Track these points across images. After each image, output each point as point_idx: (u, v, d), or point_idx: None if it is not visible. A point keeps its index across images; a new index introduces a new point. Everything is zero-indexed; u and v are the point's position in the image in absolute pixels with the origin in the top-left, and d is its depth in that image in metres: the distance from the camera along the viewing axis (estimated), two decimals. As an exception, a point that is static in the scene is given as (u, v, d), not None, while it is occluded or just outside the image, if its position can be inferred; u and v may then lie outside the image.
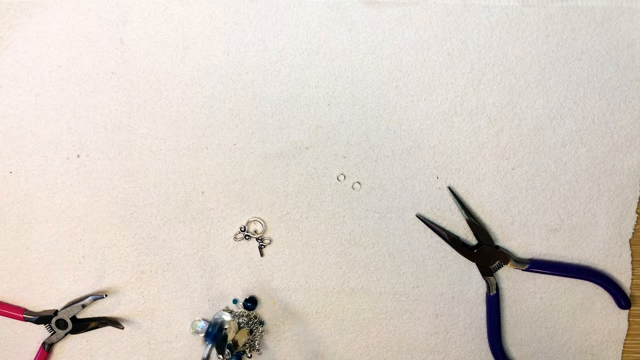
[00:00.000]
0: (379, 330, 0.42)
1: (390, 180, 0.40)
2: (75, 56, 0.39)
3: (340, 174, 0.41)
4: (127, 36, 0.39)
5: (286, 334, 0.43)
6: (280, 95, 0.40)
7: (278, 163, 0.40)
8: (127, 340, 0.43)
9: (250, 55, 0.39)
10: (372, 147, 0.40)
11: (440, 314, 0.42)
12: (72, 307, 0.41)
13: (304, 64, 0.39)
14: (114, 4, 0.39)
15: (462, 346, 0.42)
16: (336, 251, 0.41)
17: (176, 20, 0.39)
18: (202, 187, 0.41)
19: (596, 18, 0.38)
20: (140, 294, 0.42)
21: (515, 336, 0.42)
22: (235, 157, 0.40)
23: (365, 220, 0.41)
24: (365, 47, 0.39)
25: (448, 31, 0.39)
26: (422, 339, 0.42)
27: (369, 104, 0.40)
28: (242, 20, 0.39)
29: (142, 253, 0.42)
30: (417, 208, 0.41)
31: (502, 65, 0.39)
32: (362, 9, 0.39)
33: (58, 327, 0.42)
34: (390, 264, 0.41)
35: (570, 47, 0.39)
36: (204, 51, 0.39)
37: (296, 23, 0.39)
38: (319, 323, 0.42)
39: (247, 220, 0.41)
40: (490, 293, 0.41)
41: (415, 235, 0.41)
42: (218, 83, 0.39)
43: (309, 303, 0.42)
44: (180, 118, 0.40)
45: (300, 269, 0.42)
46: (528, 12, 0.38)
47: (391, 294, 0.42)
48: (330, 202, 0.41)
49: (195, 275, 0.42)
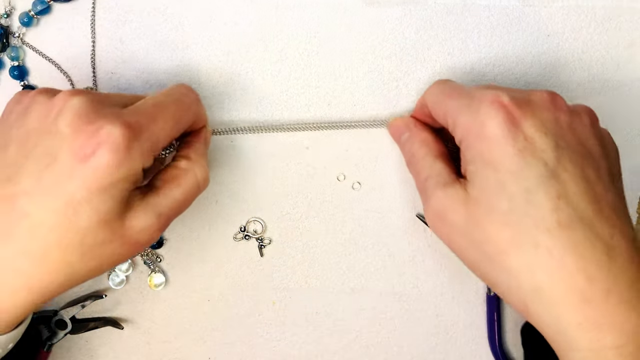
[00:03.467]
0: (379, 330, 0.42)
1: (390, 180, 0.40)
2: (75, 56, 0.39)
3: (340, 174, 0.41)
4: (127, 36, 0.39)
5: (286, 333, 0.43)
6: (280, 95, 0.40)
7: (278, 163, 0.40)
8: (127, 340, 0.43)
9: (250, 55, 0.39)
10: (372, 147, 0.40)
11: (440, 314, 0.42)
12: (72, 307, 0.41)
13: (304, 64, 0.39)
14: (114, 3, 0.38)
15: (462, 346, 0.42)
16: (336, 251, 0.41)
17: (176, 20, 0.39)
18: (202, 187, 0.41)
19: (596, 18, 0.38)
20: (140, 294, 0.42)
21: (515, 336, 0.42)
22: (235, 156, 0.40)
23: (365, 220, 0.41)
24: (365, 47, 0.39)
25: (448, 31, 0.39)
26: (422, 339, 0.42)
27: (369, 104, 0.40)
28: (242, 20, 0.39)
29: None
30: (417, 208, 0.41)
31: (502, 65, 0.39)
32: (362, 9, 0.39)
33: (57, 328, 0.42)
34: (390, 264, 0.41)
35: (570, 47, 0.39)
36: (204, 51, 0.39)
37: (296, 23, 0.39)
38: (319, 323, 0.42)
39: (247, 220, 0.41)
40: (491, 293, 0.41)
41: (415, 235, 0.41)
42: (218, 83, 0.39)
43: (309, 303, 0.42)
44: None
45: (300, 269, 0.42)
46: (528, 12, 0.38)
47: (391, 294, 0.42)
48: (330, 202, 0.41)
49: (194, 275, 0.42)
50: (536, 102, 0.30)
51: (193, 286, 0.42)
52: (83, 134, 0.27)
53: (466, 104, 0.31)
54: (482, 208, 0.30)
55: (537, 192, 0.28)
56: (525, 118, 0.29)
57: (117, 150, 0.27)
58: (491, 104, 0.30)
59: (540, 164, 0.28)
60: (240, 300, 0.42)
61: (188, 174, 0.32)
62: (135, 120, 0.29)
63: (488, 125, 0.29)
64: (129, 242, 0.30)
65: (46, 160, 0.28)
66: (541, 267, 0.28)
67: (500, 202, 0.29)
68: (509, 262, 0.29)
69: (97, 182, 0.27)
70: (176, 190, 0.32)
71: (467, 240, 0.31)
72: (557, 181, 0.28)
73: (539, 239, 0.28)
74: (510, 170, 0.29)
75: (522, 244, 0.28)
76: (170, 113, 0.31)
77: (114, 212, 0.28)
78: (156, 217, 0.30)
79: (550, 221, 0.28)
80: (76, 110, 0.28)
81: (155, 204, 0.31)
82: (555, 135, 0.29)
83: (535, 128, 0.29)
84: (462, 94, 0.33)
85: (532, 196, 0.28)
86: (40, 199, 0.27)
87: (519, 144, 0.29)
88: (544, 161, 0.28)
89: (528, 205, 0.28)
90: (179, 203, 0.32)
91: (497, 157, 0.29)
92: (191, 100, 0.33)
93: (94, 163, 0.27)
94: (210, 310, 0.42)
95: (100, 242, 0.28)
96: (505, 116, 0.29)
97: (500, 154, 0.29)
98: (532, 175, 0.28)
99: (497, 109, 0.29)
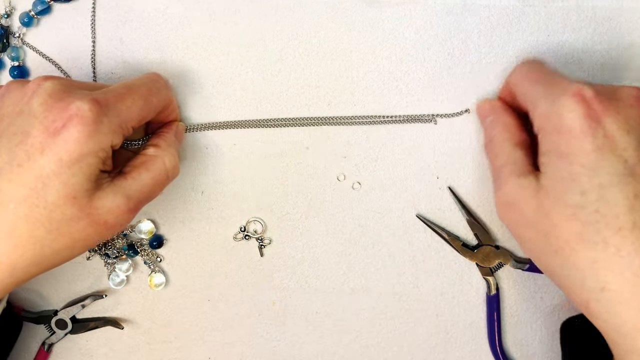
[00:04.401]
0: (379, 330, 0.42)
1: (390, 180, 0.40)
2: (75, 56, 0.39)
3: (341, 173, 0.41)
4: (127, 36, 0.39)
5: (286, 333, 0.43)
6: (280, 95, 0.40)
7: (278, 163, 0.40)
8: (127, 340, 0.43)
9: (250, 55, 0.39)
10: (372, 147, 0.40)
11: (440, 314, 0.42)
12: (72, 307, 0.41)
13: (304, 64, 0.39)
14: (114, 3, 0.38)
15: (462, 346, 0.42)
16: (336, 251, 0.41)
17: (176, 20, 0.39)
18: (202, 187, 0.41)
19: (596, 18, 0.38)
20: (140, 294, 0.42)
21: (515, 336, 0.42)
22: (235, 157, 0.40)
23: (365, 220, 0.41)
24: (365, 47, 0.39)
25: (448, 31, 0.39)
26: (422, 339, 0.42)
27: (369, 104, 0.40)
28: (242, 20, 0.39)
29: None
30: (417, 208, 0.41)
31: (502, 65, 0.39)
32: (362, 9, 0.39)
33: (58, 327, 0.42)
34: (390, 264, 0.41)
35: (570, 47, 0.39)
36: (204, 51, 0.39)
37: (296, 23, 0.39)
38: (319, 323, 0.42)
39: (247, 220, 0.41)
40: (490, 293, 0.41)
41: (415, 235, 0.41)
42: (218, 83, 0.39)
43: (309, 303, 0.42)
44: (180, 118, 0.40)
45: (300, 269, 0.42)
46: (528, 12, 0.38)
47: (391, 294, 0.42)
48: (330, 202, 0.41)
49: (194, 275, 0.42)
50: (623, 98, 0.29)
51: (193, 286, 0.42)
52: (54, 110, 0.29)
53: (548, 92, 0.31)
54: (552, 199, 0.29)
55: (613, 190, 0.27)
56: (608, 114, 0.28)
57: (86, 124, 0.28)
58: (573, 96, 0.29)
59: (619, 161, 0.28)
60: (240, 300, 0.42)
61: (157, 160, 0.34)
62: (104, 98, 0.30)
63: (567, 118, 0.29)
64: (98, 221, 0.30)
65: (19, 138, 0.29)
66: (608, 265, 0.27)
67: (573, 196, 0.28)
68: (574, 257, 0.28)
69: (67, 155, 0.28)
70: (145, 174, 0.33)
71: (535, 231, 0.30)
72: (636, 180, 0.27)
73: (608, 237, 0.27)
74: (585, 165, 0.28)
75: (590, 239, 0.27)
76: (138, 93, 0.32)
77: (83, 189, 0.29)
78: (125, 199, 0.31)
79: (625, 220, 0.27)
80: (49, 91, 0.29)
81: (124, 187, 0.31)
82: (639, 134, 0.28)
83: (618, 125, 0.28)
84: (546, 80, 0.32)
85: (607, 193, 0.27)
86: (11, 173, 0.28)
87: (598, 140, 0.28)
88: (624, 159, 0.28)
89: (601, 202, 0.28)
90: (147, 187, 0.33)
91: (573, 151, 0.28)
92: (160, 85, 0.35)
93: (64, 135, 0.28)
94: (210, 310, 0.42)
95: (69, 218, 0.29)
96: (586, 111, 0.28)
97: (577, 148, 0.28)
98: (609, 172, 0.27)
99: (577, 102, 0.29)
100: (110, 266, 0.41)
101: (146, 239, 0.41)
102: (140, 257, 0.41)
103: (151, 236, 0.41)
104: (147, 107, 0.33)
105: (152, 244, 0.41)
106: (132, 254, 0.41)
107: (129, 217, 0.32)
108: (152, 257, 0.41)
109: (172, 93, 0.37)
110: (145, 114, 0.33)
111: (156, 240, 0.41)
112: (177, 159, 0.35)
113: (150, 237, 0.41)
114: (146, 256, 0.41)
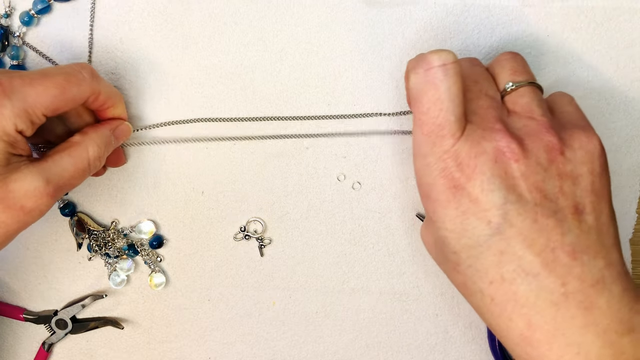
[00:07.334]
0: (379, 330, 0.42)
1: (390, 180, 0.40)
2: (75, 56, 0.39)
3: (341, 174, 0.41)
4: (127, 36, 0.39)
5: (286, 333, 0.43)
6: (280, 95, 0.40)
7: (278, 163, 0.40)
8: (127, 340, 0.43)
9: (250, 55, 0.39)
10: (372, 147, 0.40)
11: (440, 313, 0.42)
12: (72, 307, 0.41)
13: (304, 64, 0.39)
14: (114, 3, 0.38)
15: (462, 346, 0.43)
16: (336, 251, 0.41)
17: (176, 20, 0.39)
18: (202, 187, 0.41)
19: (596, 18, 0.38)
20: (140, 294, 0.42)
21: (515, 336, 0.42)
22: (235, 157, 0.40)
23: (365, 220, 0.41)
24: (365, 47, 0.39)
25: (448, 31, 0.39)
26: (422, 339, 0.43)
27: (369, 103, 0.40)
28: (242, 20, 0.39)
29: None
30: (417, 208, 0.41)
31: (502, 65, 0.39)
32: (362, 9, 0.39)
33: (58, 327, 0.42)
34: (390, 264, 0.41)
35: (570, 47, 0.39)
36: (204, 51, 0.39)
37: (296, 23, 0.39)
38: (319, 323, 0.43)
39: (247, 220, 0.41)
40: (490, 293, 0.41)
41: (415, 235, 0.41)
42: (218, 83, 0.39)
43: (309, 303, 0.42)
44: (180, 118, 0.40)
45: (300, 269, 0.42)
46: (528, 12, 0.38)
47: (391, 294, 0.42)
48: (330, 202, 0.41)
49: (194, 275, 0.42)
50: (489, 152, 0.29)
51: (193, 286, 0.42)
52: None
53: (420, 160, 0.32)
54: (440, 251, 0.32)
55: (480, 249, 0.29)
56: (473, 177, 0.29)
57: None
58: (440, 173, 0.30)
59: (482, 224, 0.29)
60: (240, 300, 0.42)
61: (80, 147, 0.33)
62: (7, 80, 0.29)
63: (434, 191, 0.31)
64: (13, 206, 0.30)
65: None
66: (488, 312, 0.30)
67: (448, 254, 0.31)
68: (466, 299, 0.32)
69: None
70: (66, 159, 0.32)
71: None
72: (501, 238, 0.29)
73: (484, 289, 0.30)
74: (453, 230, 0.30)
75: (470, 289, 0.31)
76: (53, 81, 0.31)
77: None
78: (44, 182, 0.30)
79: (494, 275, 0.29)
80: None
81: (44, 169, 0.31)
82: (505, 189, 0.29)
83: (482, 187, 0.29)
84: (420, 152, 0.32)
85: (475, 252, 0.30)
86: None
87: (462, 206, 0.30)
88: (487, 220, 0.29)
89: (471, 259, 0.30)
90: (68, 172, 0.32)
91: (441, 218, 0.31)
92: (83, 76, 0.33)
93: None
94: (210, 310, 0.42)
95: None
96: (449, 182, 0.30)
97: (443, 215, 0.30)
98: (474, 234, 0.29)
99: (443, 177, 0.30)
100: (110, 266, 0.41)
101: (146, 239, 0.41)
102: (141, 257, 0.41)
103: (151, 236, 0.41)
104: (62, 96, 0.31)
105: (152, 244, 0.41)
106: (133, 254, 0.41)
107: (48, 202, 0.31)
108: (153, 257, 0.41)
109: (107, 88, 0.35)
110: (61, 104, 0.32)
111: (156, 240, 0.41)
112: (102, 152, 0.34)
113: (150, 237, 0.41)
114: (146, 256, 0.41)
